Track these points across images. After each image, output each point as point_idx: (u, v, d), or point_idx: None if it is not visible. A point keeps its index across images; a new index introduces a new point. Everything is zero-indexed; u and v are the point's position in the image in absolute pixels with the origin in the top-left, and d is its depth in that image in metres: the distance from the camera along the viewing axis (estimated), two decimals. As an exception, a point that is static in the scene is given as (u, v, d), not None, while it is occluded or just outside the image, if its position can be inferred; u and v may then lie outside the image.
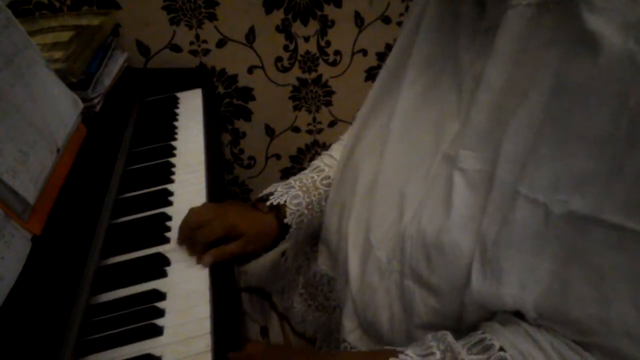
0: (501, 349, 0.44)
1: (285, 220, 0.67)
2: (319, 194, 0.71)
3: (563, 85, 0.40)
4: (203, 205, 0.70)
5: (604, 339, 0.41)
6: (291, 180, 0.72)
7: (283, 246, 0.74)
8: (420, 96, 0.56)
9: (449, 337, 0.47)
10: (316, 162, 0.76)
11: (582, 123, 0.39)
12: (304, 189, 0.70)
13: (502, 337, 0.45)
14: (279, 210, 0.68)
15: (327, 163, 0.74)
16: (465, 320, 0.49)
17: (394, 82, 0.59)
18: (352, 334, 0.60)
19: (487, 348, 0.45)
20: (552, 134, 0.41)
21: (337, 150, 0.75)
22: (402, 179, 0.55)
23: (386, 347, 0.52)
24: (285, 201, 0.68)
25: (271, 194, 0.70)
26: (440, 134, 0.53)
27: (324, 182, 0.71)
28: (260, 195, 0.71)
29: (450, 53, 0.53)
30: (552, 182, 0.41)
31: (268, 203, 0.68)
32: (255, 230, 0.66)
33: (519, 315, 0.46)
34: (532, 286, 0.43)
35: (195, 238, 0.64)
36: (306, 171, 0.75)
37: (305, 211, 0.69)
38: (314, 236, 0.74)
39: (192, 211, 0.67)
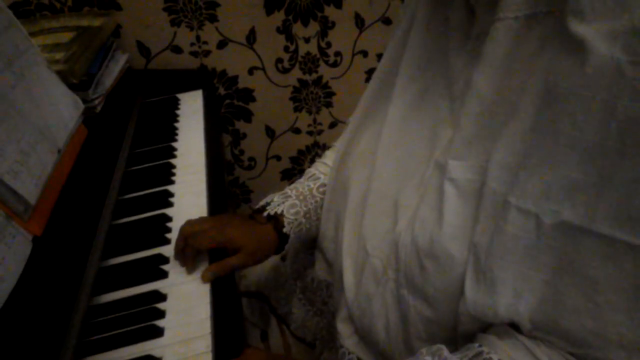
0: None
1: (284, 230, 0.67)
2: (316, 201, 0.70)
3: (552, 94, 0.40)
4: (200, 218, 0.69)
5: (599, 351, 0.40)
6: (287, 189, 0.72)
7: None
8: (412, 103, 0.55)
9: (445, 352, 0.46)
10: (311, 170, 0.75)
11: (571, 132, 0.39)
12: (301, 197, 0.70)
13: (500, 350, 0.44)
14: (277, 220, 0.67)
15: (322, 171, 0.74)
16: (460, 331, 0.49)
17: (385, 89, 0.59)
18: (349, 340, 0.59)
19: None
20: (542, 143, 0.40)
21: (330, 158, 0.75)
22: (396, 187, 0.54)
23: None
24: (283, 211, 0.68)
25: (268, 204, 0.69)
26: (434, 141, 0.52)
27: (320, 189, 0.71)
28: (257, 206, 0.71)
29: (442, 58, 0.52)
30: (542, 192, 0.41)
31: (265, 214, 0.68)
32: (255, 243, 0.65)
33: (514, 327, 0.45)
34: (527, 296, 0.43)
35: (189, 243, 0.63)
36: (301, 179, 0.74)
37: (303, 220, 0.68)
38: (311, 243, 0.74)
39: (189, 222, 0.66)
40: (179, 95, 1.08)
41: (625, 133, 0.36)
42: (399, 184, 0.54)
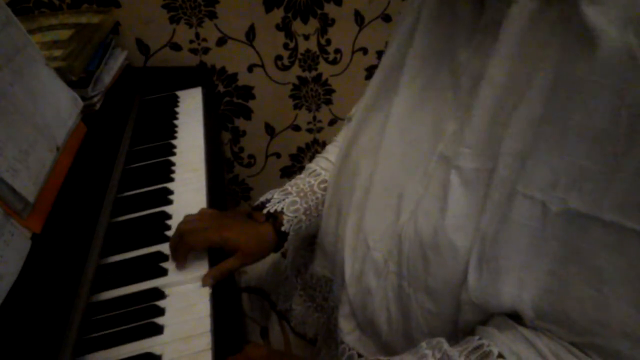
0: (500, 355, 0.43)
1: (283, 228, 0.66)
2: (317, 198, 0.70)
3: (562, 80, 0.40)
4: (200, 213, 0.69)
5: (603, 340, 0.40)
6: (287, 186, 0.71)
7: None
8: (416, 96, 0.55)
9: (445, 345, 0.46)
10: (312, 166, 0.75)
11: (580, 119, 0.39)
12: (301, 194, 0.69)
13: (500, 342, 0.44)
14: (275, 218, 0.67)
15: (324, 167, 0.73)
16: (461, 324, 0.49)
17: (390, 82, 0.58)
18: (350, 335, 0.59)
19: (486, 355, 0.44)
20: (551, 131, 0.40)
21: (332, 153, 0.74)
22: (400, 180, 0.54)
23: (379, 358, 0.52)
24: (283, 208, 0.67)
25: (268, 201, 0.69)
26: (437, 134, 0.52)
27: (322, 186, 0.71)
28: (256, 203, 0.70)
29: (447, 52, 0.52)
30: (550, 180, 0.41)
31: (265, 211, 0.67)
32: (253, 243, 0.65)
33: (515, 318, 0.45)
34: (531, 285, 0.43)
35: (184, 241, 0.63)
36: (302, 175, 0.74)
37: (303, 217, 0.68)
38: (312, 239, 0.74)
39: (187, 219, 0.66)
40: (178, 93, 1.07)
41: (636, 119, 0.36)
42: (402, 178, 0.54)
